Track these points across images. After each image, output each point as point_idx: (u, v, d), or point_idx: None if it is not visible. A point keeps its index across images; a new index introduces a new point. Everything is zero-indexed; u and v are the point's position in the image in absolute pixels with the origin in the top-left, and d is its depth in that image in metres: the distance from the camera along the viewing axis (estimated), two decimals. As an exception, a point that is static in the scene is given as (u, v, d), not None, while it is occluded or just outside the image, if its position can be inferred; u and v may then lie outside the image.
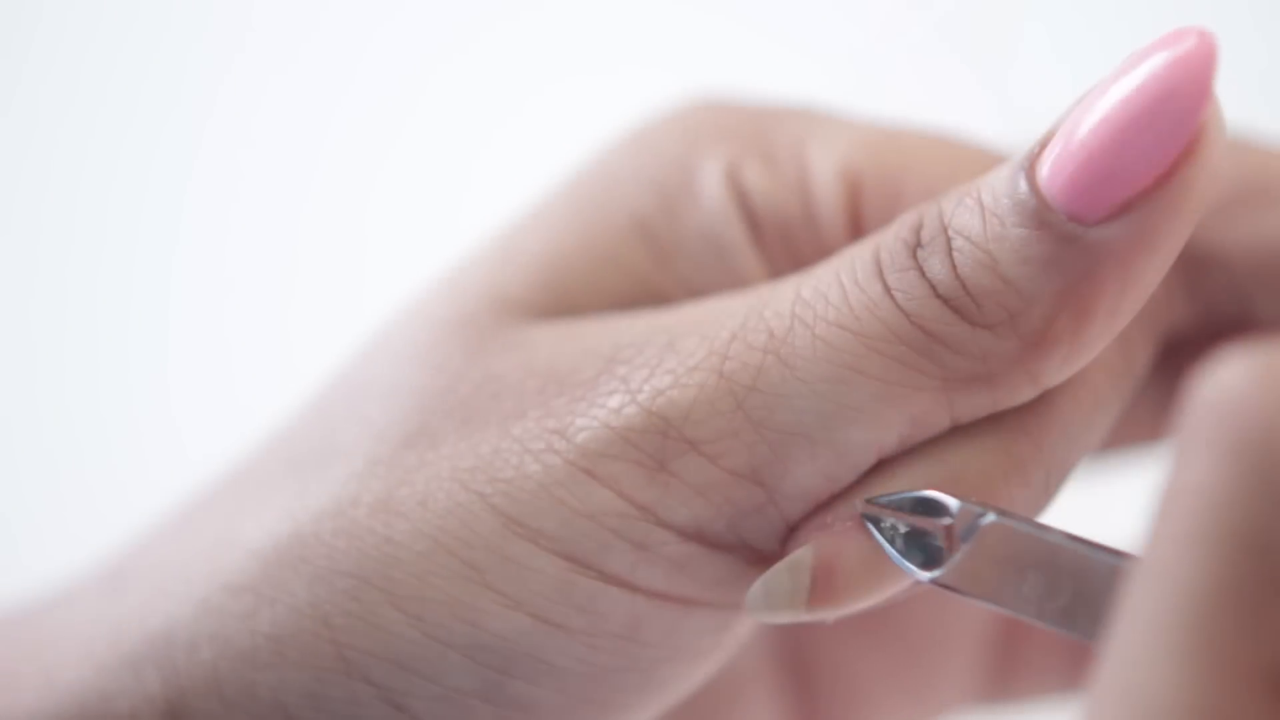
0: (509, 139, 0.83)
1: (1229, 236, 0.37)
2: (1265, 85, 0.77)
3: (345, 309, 0.58)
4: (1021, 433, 0.35)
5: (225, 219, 0.85)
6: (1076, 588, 0.32)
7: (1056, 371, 0.34)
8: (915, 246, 0.34)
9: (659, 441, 0.34)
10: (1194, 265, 0.38)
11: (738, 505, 0.34)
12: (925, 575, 0.33)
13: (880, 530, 0.34)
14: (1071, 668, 0.45)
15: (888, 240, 0.34)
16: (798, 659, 0.44)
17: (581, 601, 0.34)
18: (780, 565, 0.34)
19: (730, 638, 0.36)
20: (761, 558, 0.35)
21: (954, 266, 0.33)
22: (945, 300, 0.33)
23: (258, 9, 0.87)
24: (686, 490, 0.34)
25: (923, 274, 0.33)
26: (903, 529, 0.34)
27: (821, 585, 0.34)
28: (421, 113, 0.86)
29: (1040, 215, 0.33)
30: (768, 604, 0.34)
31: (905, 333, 0.33)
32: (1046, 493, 0.35)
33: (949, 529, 0.33)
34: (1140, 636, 0.25)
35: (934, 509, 0.33)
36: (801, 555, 0.34)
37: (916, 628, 0.44)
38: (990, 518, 0.33)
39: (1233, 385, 0.26)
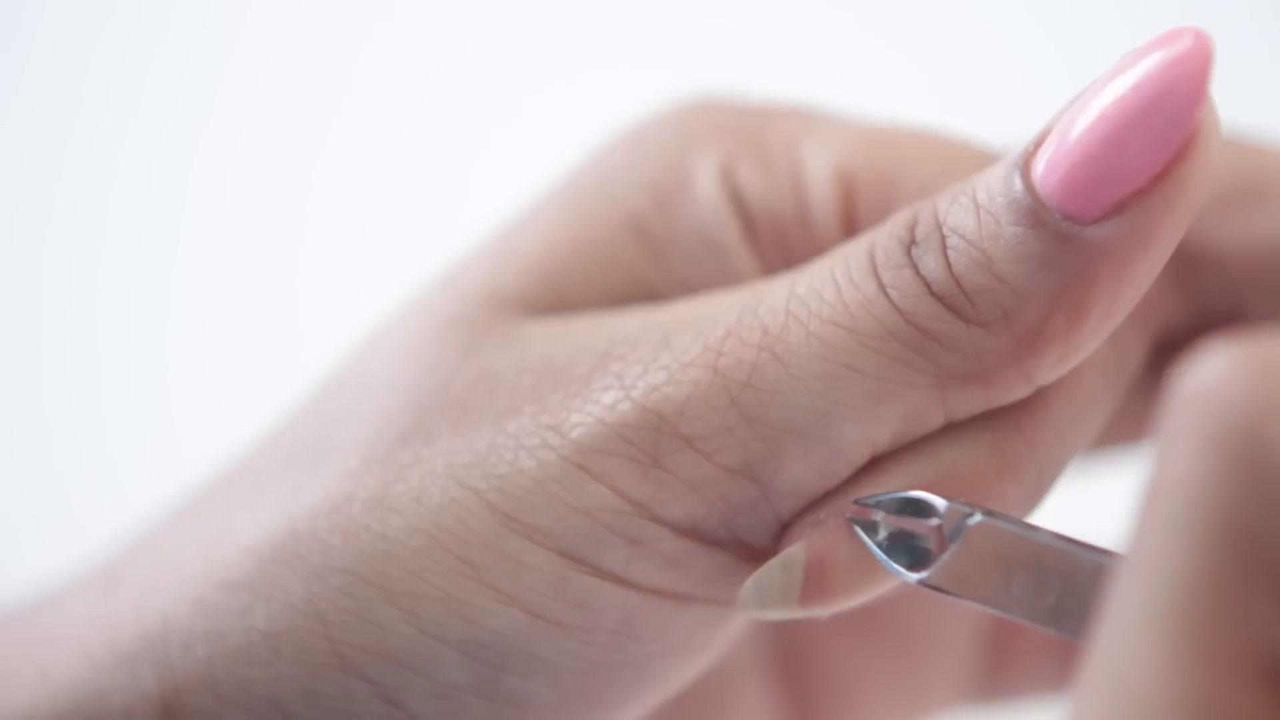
0: (508, 139, 0.83)
1: (1222, 235, 0.37)
2: (1264, 85, 0.77)
3: (344, 307, 0.58)
4: (1014, 430, 0.35)
5: (224, 218, 0.85)
6: (1064, 587, 0.32)
7: (1051, 369, 0.34)
8: (910, 244, 0.34)
9: (653, 437, 0.34)
10: (1187, 264, 0.38)
11: (732, 501, 0.34)
12: (913, 576, 0.33)
13: (866, 532, 0.34)
14: (1063, 666, 0.45)
15: (882, 238, 0.34)
16: (790, 657, 0.44)
17: (576, 597, 0.34)
18: (773, 562, 0.34)
19: (724, 634, 0.36)
20: (755, 554, 0.35)
21: (949, 264, 0.33)
22: (940, 298, 0.33)
23: (257, 9, 0.87)
24: (681, 486, 0.34)
25: (917, 271, 0.34)
26: (888, 530, 0.34)
27: (814, 582, 0.34)
28: (420, 113, 0.86)
29: (1035, 214, 0.33)
30: (760, 600, 0.34)
31: (900, 330, 0.33)
32: (1039, 490, 0.35)
33: (937, 529, 0.33)
34: (1126, 628, 0.25)
35: (921, 509, 0.33)
36: (794, 552, 0.34)
37: (908, 626, 0.44)
38: (977, 518, 0.33)
39: (1216, 377, 0.25)
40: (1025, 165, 0.33)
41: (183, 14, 0.87)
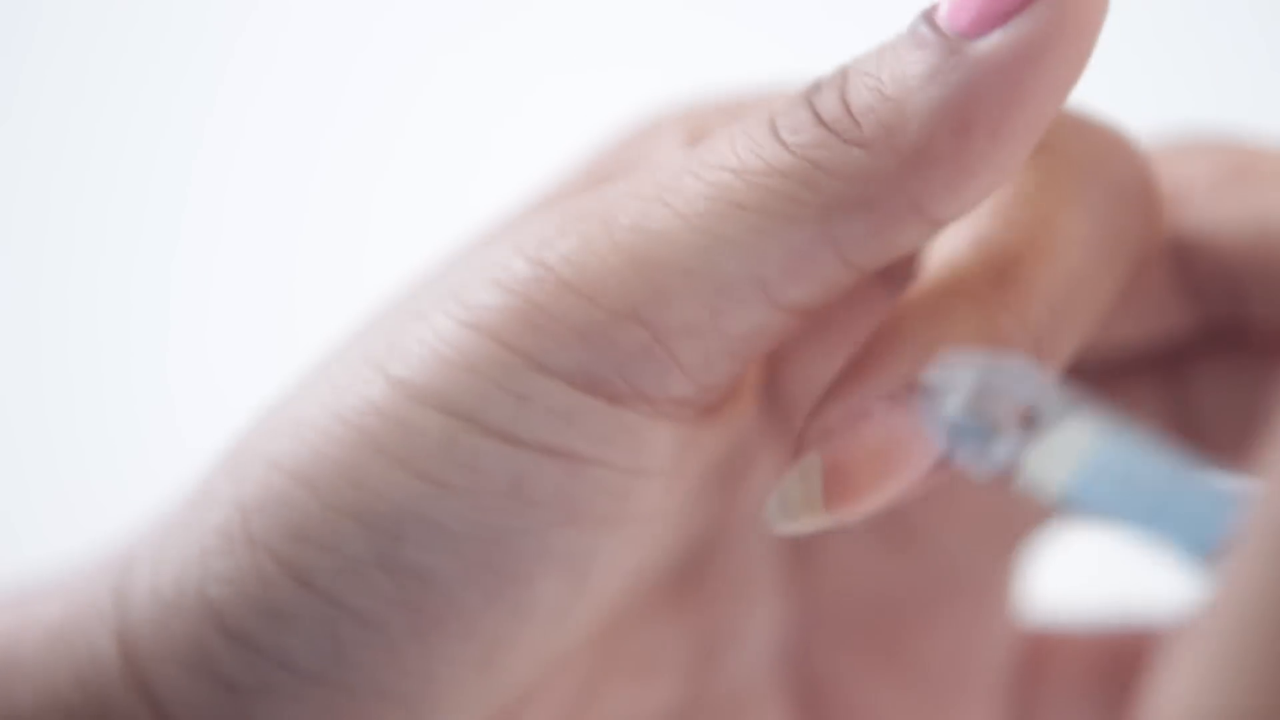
0: (505, 138, 0.83)
1: (1214, 220, 0.38)
2: (1264, 85, 0.77)
3: (344, 304, 0.58)
4: (1001, 307, 0.34)
5: (225, 215, 0.86)
6: (1178, 518, 0.28)
7: (941, 200, 0.33)
8: (810, 93, 0.34)
9: (539, 287, 0.34)
10: (1184, 255, 0.38)
11: (621, 346, 0.34)
12: (985, 468, 0.30)
13: (931, 410, 0.30)
14: (1102, 695, 0.44)
15: (783, 97, 0.34)
16: (808, 687, 0.43)
17: (464, 458, 0.34)
18: (791, 474, 0.34)
19: (632, 506, 0.36)
20: (657, 407, 0.34)
21: (844, 96, 0.34)
22: (826, 125, 0.33)
23: (257, 8, 0.88)
24: (568, 334, 0.34)
25: (813, 109, 0.34)
26: (954, 420, 0.30)
27: (836, 487, 0.34)
28: (418, 110, 0.86)
29: (932, 38, 0.33)
30: (785, 513, 0.34)
31: (785, 164, 0.33)
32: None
33: (1020, 411, 0.30)
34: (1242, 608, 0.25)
35: (1015, 379, 0.30)
36: (810, 461, 0.34)
37: (933, 656, 0.43)
38: (1080, 417, 0.29)
39: None
40: (930, 12, 0.33)
41: (183, 13, 0.87)
